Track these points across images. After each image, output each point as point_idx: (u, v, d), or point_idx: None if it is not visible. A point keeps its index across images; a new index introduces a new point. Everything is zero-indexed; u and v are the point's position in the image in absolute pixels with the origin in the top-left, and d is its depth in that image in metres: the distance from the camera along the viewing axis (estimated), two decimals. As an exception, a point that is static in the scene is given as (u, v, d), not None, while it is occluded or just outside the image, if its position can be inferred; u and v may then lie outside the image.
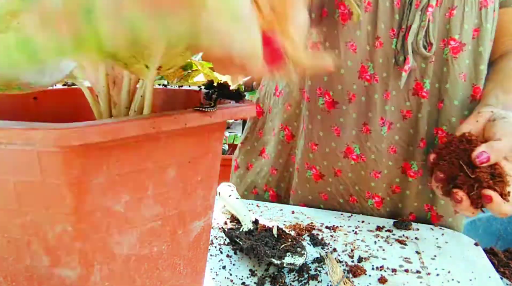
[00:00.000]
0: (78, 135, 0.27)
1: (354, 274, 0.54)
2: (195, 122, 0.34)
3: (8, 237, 0.31)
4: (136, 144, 0.31)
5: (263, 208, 0.77)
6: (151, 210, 0.35)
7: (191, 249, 0.40)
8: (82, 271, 0.31)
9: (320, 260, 0.57)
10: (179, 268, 0.39)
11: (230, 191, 0.74)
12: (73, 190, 0.29)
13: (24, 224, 0.30)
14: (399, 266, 0.57)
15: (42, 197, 0.29)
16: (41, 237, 0.31)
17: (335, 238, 0.65)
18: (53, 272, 0.32)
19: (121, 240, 0.33)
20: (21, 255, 0.32)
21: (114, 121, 0.29)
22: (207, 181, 0.39)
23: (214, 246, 0.61)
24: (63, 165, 0.28)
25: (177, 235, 0.38)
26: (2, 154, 0.28)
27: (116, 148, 0.30)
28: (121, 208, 0.32)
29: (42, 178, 0.29)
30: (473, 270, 0.57)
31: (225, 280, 0.52)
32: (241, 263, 0.57)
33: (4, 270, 0.33)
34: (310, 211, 0.76)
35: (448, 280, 0.54)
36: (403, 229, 0.69)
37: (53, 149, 0.28)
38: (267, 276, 0.53)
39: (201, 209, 0.40)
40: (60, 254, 0.31)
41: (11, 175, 0.29)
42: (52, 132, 0.26)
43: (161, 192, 0.35)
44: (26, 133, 0.26)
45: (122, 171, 0.31)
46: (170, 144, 0.34)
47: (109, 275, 0.33)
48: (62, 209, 0.29)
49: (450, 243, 0.65)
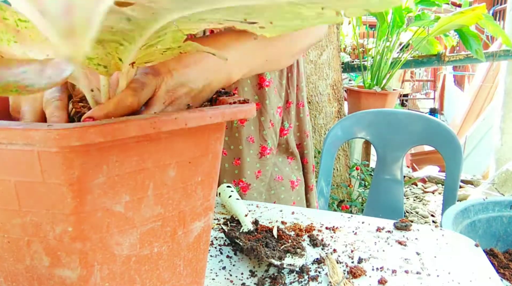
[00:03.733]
0: (78, 136, 0.27)
1: (354, 275, 0.54)
2: (195, 123, 0.34)
3: (8, 237, 0.31)
4: (136, 144, 0.31)
5: (263, 208, 0.77)
6: (151, 210, 0.35)
7: (191, 250, 0.40)
8: (82, 272, 0.31)
9: (320, 261, 0.57)
10: (179, 269, 0.39)
11: (230, 192, 0.74)
12: (73, 190, 0.29)
13: (24, 224, 0.30)
14: (399, 267, 0.57)
15: (42, 197, 0.29)
16: (41, 237, 0.31)
17: (335, 238, 0.65)
18: (53, 273, 0.32)
19: (121, 240, 0.33)
20: (21, 255, 0.32)
21: (114, 122, 0.29)
22: (207, 181, 0.39)
23: (214, 246, 0.61)
24: (63, 165, 0.28)
25: (177, 236, 0.38)
26: (2, 154, 0.28)
27: (116, 148, 0.30)
28: (121, 208, 0.32)
29: (42, 178, 0.29)
30: (473, 271, 0.57)
31: (225, 280, 0.52)
32: (241, 263, 0.57)
33: (4, 271, 0.33)
34: (310, 211, 0.76)
35: (448, 281, 0.54)
36: (403, 230, 0.69)
37: (53, 149, 0.28)
38: (267, 277, 0.53)
39: (201, 210, 0.40)
40: (60, 254, 0.31)
41: (11, 175, 0.29)
42: (52, 133, 0.26)
43: (161, 192, 0.35)
44: (26, 133, 0.26)
45: (122, 171, 0.31)
46: (170, 144, 0.34)
47: (109, 276, 0.33)
48: (62, 209, 0.29)
49: (450, 244, 0.65)
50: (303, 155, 0.97)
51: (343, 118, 1.44)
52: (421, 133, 1.35)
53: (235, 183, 0.86)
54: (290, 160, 0.95)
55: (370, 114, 1.43)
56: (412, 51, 2.66)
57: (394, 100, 2.61)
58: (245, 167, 0.86)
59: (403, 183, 1.37)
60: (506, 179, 2.53)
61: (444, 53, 2.72)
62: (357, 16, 0.26)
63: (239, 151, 0.85)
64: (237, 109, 0.37)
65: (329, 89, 2.41)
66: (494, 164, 3.08)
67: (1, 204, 0.30)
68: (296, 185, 0.95)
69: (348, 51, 3.81)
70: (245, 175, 0.86)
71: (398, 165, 1.35)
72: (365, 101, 2.50)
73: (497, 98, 3.32)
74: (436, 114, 5.21)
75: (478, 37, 2.36)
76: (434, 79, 6.60)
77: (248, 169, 0.86)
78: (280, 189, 0.92)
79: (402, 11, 2.36)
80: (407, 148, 1.37)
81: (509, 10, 2.97)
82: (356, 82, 3.53)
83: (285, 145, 0.93)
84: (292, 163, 0.95)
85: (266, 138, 0.86)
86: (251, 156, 0.86)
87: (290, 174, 0.94)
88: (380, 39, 2.52)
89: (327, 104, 2.41)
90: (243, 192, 0.86)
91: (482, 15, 2.15)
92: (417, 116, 1.39)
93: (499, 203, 1.13)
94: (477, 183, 3.19)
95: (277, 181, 0.91)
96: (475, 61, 2.86)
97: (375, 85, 2.53)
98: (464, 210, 1.06)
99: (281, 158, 0.93)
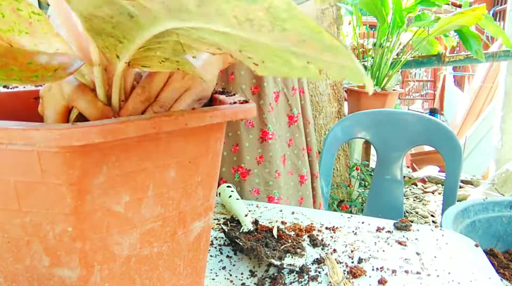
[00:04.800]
0: (78, 136, 0.27)
1: (354, 275, 0.54)
2: (195, 123, 0.34)
3: (8, 237, 0.31)
4: (136, 144, 0.31)
5: (263, 208, 0.77)
6: (151, 210, 0.34)
7: (191, 250, 0.40)
8: (82, 272, 0.31)
9: (320, 261, 0.57)
10: (179, 269, 0.39)
11: (230, 192, 0.74)
12: (73, 190, 0.29)
13: (24, 224, 0.30)
14: (399, 267, 0.57)
15: (42, 197, 0.29)
16: (41, 237, 0.31)
17: (335, 239, 0.65)
18: (53, 273, 0.32)
19: (121, 240, 0.33)
20: (21, 255, 0.32)
21: (114, 122, 0.29)
22: (207, 181, 0.39)
23: (214, 246, 0.61)
24: (63, 165, 0.28)
25: (177, 236, 0.38)
26: (2, 154, 0.28)
27: (116, 148, 0.30)
28: (121, 208, 0.32)
29: (42, 178, 0.29)
30: (473, 271, 0.57)
31: (225, 280, 0.52)
32: (241, 263, 0.57)
33: (4, 270, 0.33)
34: (310, 211, 0.76)
35: (448, 281, 0.54)
36: (403, 230, 0.69)
37: (53, 149, 0.28)
38: (267, 277, 0.53)
39: (201, 210, 0.40)
40: (60, 254, 0.31)
41: (11, 174, 0.29)
42: (53, 133, 0.26)
43: (161, 192, 0.35)
44: (26, 133, 0.26)
45: (122, 171, 0.31)
46: (170, 144, 0.34)
47: (109, 276, 0.33)
48: (62, 209, 0.29)
49: (450, 244, 0.65)
50: (306, 143, 0.97)
51: (343, 119, 1.44)
52: (421, 134, 1.35)
53: (234, 170, 0.86)
54: (304, 152, 0.94)
55: (370, 114, 1.43)
56: (412, 52, 2.66)
57: (394, 101, 2.61)
58: (243, 152, 0.85)
59: (403, 183, 1.37)
60: (506, 179, 2.53)
61: (444, 54, 2.72)
62: (334, 79, 0.26)
63: (237, 137, 0.85)
64: (237, 109, 0.37)
65: (329, 90, 2.41)
66: (494, 164, 3.08)
67: (1, 204, 0.30)
68: (305, 180, 0.94)
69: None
70: (244, 160, 0.85)
71: (398, 165, 1.35)
72: (365, 102, 2.50)
73: (497, 98, 3.32)
74: (436, 115, 5.21)
75: (478, 38, 2.36)
76: (434, 79, 6.60)
77: (247, 154, 0.85)
78: (289, 184, 0.91)
79: (402, 12, 2.36)
80: (407, 148, 1.37)
81: (509, 10, 2.97)
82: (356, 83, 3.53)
83: (298, 134, 0.92)
84: (305, 155, 0.95)
85: (266, 122, 0.85)
86: (251, 141, 0.85)
87: (301, 168, 0.94)
88: (380, 39, 2.52)
89: (327, 104, 2.41)
90: (243, 178, 0.86)
91: (482, 16, 2.14)
92: (417, 116, 1.39)
93: (499, 203, 1.13)
94: (477, 183, 3.19)
95: (287, 176, 0.91)
96: (475, 62, 2.86)
97: (375, 86, 2.53)
98: (464, 210, 1.06)
99: (296, 150, 0.93)
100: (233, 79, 0.83)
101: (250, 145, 0.85)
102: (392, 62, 2.55)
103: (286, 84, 0.89)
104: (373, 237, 0.66)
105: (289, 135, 0.92)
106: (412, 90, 6.92)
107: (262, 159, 0.86)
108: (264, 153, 0.86)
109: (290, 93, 0.90)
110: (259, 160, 0.86)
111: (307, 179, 0.95)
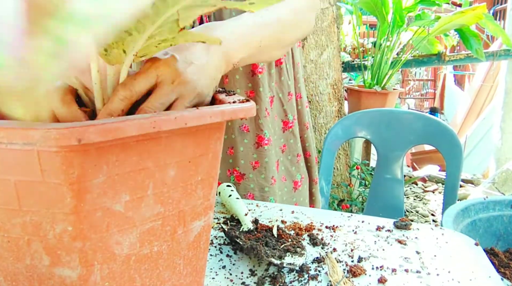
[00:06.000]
0: (78, 135, 0.27)
1: (354, 274, 0.54)
2: (195, 122, 0.34)
3: (8, 237, 0.31)
4: (136, 143, 0.31)
5: (263, 207, 0.77)
6: (151, 209, 0.35)
7: (191, 249, 0.40)
8: (82, 271, 0.31)
9: (320, 260, 0.57)
10: (179, 268, 0.39)
11: (230, 191, 0.74)
12: (73, 189, 0.29)
13: (24, 224, 0.30)
14: (399, 266, 0.57)
15: (42, 197, 0.29)
16: (41, 237, 0.31)
17: (335, 238, 0.65)
18: (53, 272, 0.32)
19: (121, 239, 0.33)
20: (21, 254, 0.32)
21: (114, 121, 0.29)
22: (207, 181, 0.39)
23: (214, 245, 0.61)
24: (63, 165, 0.28)
25: (177, 235, 0.38)
26: (2, 154, 0.28)
27: (116, 148, 0.30)
28: (121, 208, 0.32)
29: (42, 178, 0.29)
30: (473, 270, 0.57)
31: (225, 280, 0.52)
32: (241, 263, 0.57)
33: (4, 270, 0.33)
34: (310, 210, 0.76)
35: (448, 280, 0.54)
36: (403, 229, 0.69)
37: (53, 148, 0.28)
38: (267, 276, 0.53)
39: (201, 209, 0.40)
40: (60, 253, 0.31)
41: (11, 174, 0.29)
42: (52, 132, 0.26)
43: (161, 192, 0.35)
44: (26, 133, 0.27)
45: (122, 171, 0.31)
46: (170, 143, 0.34)
47: (109, 275, 0.33)
48: (62, 208, 0.30)
49: (450, 243, 0.65)
50: (305, 148, 0.96)
51: (344, 118, 1.44)
52: (421, 133, 1.35)
53: (230, 172, 0.86)
54: (298, 158, 0.93)
55: (370, 113, 1.43)
56: (413, 51, 2.66)
57: (395, 100, 2.61)
58: (238, 156, 0.84)
59: (404, 182, 1.37)
60: (506, 178, 2.53)
61: (445, 53, 2.71)
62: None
63: (232, 140, 0.84)
64: (237, 108, 0.37)
65: (330, 89, 2.41)
66: (495, 163, 3.08)
67: (1, 203, 0.30)
68: (299, 186, 0.93)
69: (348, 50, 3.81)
70: (238, 164, 0.85)
71: (399, 164, 1.35)
72: (365, 101, 2.50)
73: (497, 97, 3.32)
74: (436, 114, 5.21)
75: (478, 37, 2.36)
76: (434, 78, 6.59)
77: (242, 158, 0.84)
78: (283, 190, 0.91)
79: (402, 11, 2.36)
80: (407, 147, 1.37)
81: (509, 9, 2.97)
82: (356, 82, 3.53)
83: (293, 140, 0.92)
84: (300, 161, 0.94)
85: (262, 127, 0.84)
86: (246, 145, 0.84)
87: (295, 174, 0.93)
88: (381, 39, 2.51)
89: (328, 104, 2.41)
90: (238, 181, 0.85)
91: (482, 15, 2.14)
92: (417, 115, 1.39)
93: (499, 202, 1.13)
94: (478, 182, 3.18)
95: (280, 182, 0.91)
96: (476, 61, 2.86)
97: (375, 85, 2.53)
98: (464, 209, 1.06)
99: (290, 156, 0.92)
100: (227, 83, 0.83)
101: (245, 149, 0.84)
102: (392, 62, 2.55)
103: (282, 89, 0.88)
104: (373, 236, 0.66)
105: (283, 141, 0.90)
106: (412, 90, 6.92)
107: (257, 164, 0.85)
108: (260, 159, 0.85)
109: (285, 98, 0.88)
110: (255, 165, 0.85)
111: (301, 185, 0.94)
